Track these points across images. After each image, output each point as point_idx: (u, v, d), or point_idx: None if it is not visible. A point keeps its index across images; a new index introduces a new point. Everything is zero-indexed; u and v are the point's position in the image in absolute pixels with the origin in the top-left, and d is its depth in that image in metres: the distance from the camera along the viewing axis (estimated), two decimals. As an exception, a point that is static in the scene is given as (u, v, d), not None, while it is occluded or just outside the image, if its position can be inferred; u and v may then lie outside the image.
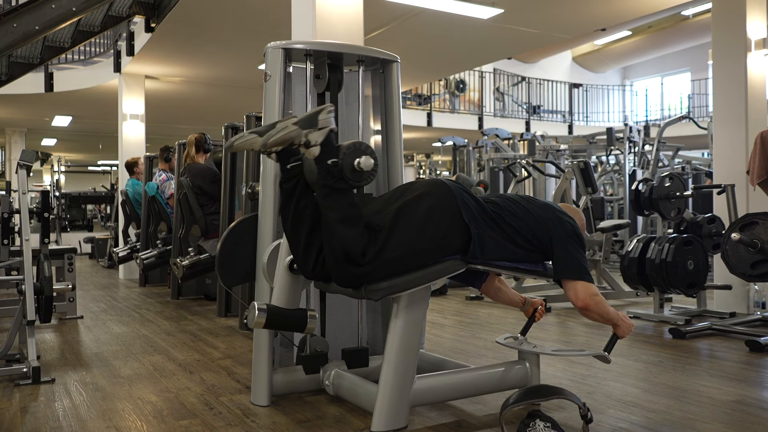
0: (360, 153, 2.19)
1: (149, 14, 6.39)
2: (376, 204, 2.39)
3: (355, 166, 2.18)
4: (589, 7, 6.03)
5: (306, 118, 2.17)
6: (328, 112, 2.18)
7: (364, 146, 2.23)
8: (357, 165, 2.18)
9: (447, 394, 2.47)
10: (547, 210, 2.41)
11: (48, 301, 3.23)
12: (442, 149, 16.86)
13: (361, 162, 2.18)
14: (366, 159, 2.19)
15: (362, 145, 2.23)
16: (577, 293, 2.30)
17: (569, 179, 6.09)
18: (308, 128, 2.15)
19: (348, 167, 2.17)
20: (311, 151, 2.15)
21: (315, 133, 2.15)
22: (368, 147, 2.24)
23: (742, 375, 3.03)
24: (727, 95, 4.87)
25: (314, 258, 2.26)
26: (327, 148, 2.17)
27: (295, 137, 2.15)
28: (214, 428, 2.34)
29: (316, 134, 2.15)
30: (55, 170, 16.57)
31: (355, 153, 2.19)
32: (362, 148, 2.22)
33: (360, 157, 2.18)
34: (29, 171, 3.29)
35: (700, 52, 15.49)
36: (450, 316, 4.82)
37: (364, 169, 2.18)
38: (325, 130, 2.17)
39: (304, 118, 2.17)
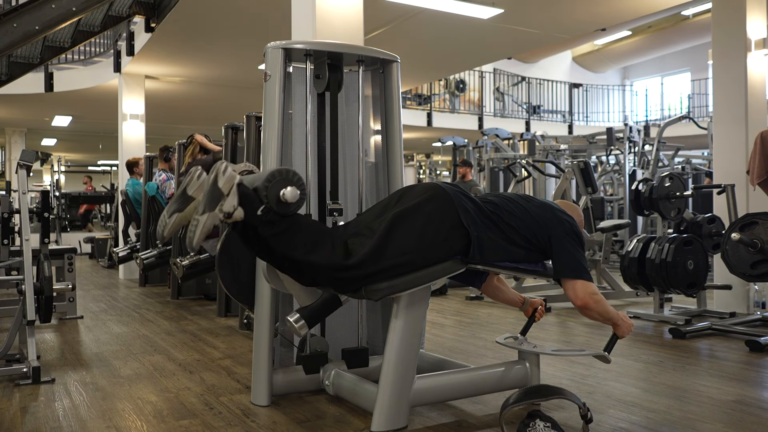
0: (285, 183, 2.06)
1: (149, 14, 6.39)
2: (374, 210, 2.39)
3: (280, 197, 2.04)
4: (589, 7, 6.03)
5: (207, 200, 1.99)
6: (224, 171, 2.00)
7: (291, 175, 2.09)
8: (282, 197, 2.04)
9: (447, 394, 2.47)
10: (545, 209, 2.41)
11: (48, 301, 3.23)
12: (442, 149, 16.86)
13: (287, 193, 2.04)
14: (292, 190, 2.05)
15: (288, 173, 2.09)
16: (577, 292, 2.30)
17: (569, 179, 6.09)
18: (217, 204, 1.98)
19: (273, 200, 2.04)
20: (235, 217, 2.01)
21: (226, 201, 1.99)
22: (294, 175, 2.09)
23: (742, 375, 3.03)
24: (727, 95, 4.87)
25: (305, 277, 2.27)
26: (247, 202, 2.04)
27: (214, 221, 1.99)
28: (214, 428, 2.34)
29: (227, 202, 1.99)
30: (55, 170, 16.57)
31: (280, 184, 2.05)
32: (289, 177, 2.08)
33: (285, 188, 2.05)
34: (29, 171, 3.29)
35: (700, 52, 15.49)
36: (450, 316, 4.82)
37: (289, 201, 2.05)
38: (233, 189, 2.00)
39: (206, 201, 1.99)
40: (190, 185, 2.08)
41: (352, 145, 2.88)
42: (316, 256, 2.13)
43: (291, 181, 2.08)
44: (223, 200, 1.99)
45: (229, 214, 1.99)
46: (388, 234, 2.19)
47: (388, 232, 2.19)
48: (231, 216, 2.00)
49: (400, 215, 2.23)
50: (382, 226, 2.21)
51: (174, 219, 2.07)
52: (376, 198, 2.93)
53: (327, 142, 2.84)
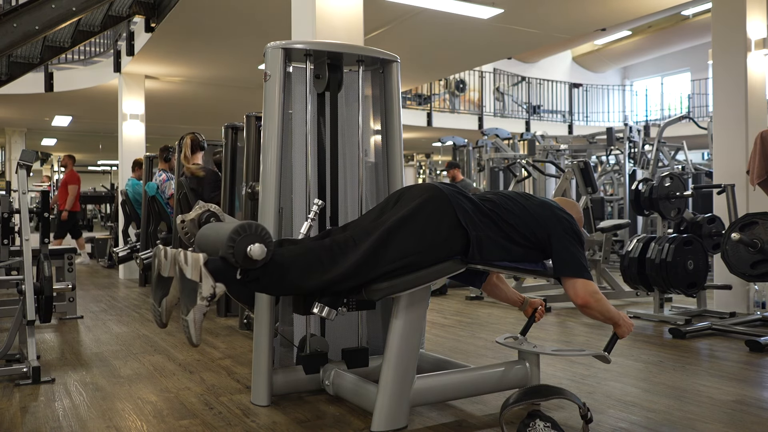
0: (250, 240, 1.97)
1: (149, 14, 6.39)
2: (372, 213, 2.38)
3: (247, 253, 1.97)
4: (589, 7, 6.03)
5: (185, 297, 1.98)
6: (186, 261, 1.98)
7: (254, 229, 2.00)
8: (249, 252, 1.97)
9: (447, 394, 2.47)
10: (544, 207, 2.41)
11: (48, 301, 3.23)
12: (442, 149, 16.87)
13: (253, 252, 1.97)
14: (258, 247, 1.97)
15: (250, 228, 1.99)
16: (577, 291, 2.29)
17: (569, 179, 6.09)
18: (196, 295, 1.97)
19: (242, 260, 1.97)
20: (218, 294, 1.99)
21: (202, 287, 1.96)
22: (258, 228, 2.00)
23: (742, 375, 3.03)
24: (727, 95, 4.87)
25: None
26: (222, 275, 1.99)
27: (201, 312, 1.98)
28: (214, 428, 2.34)
29: (204, 287, 1.96)
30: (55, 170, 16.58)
31: (244, 242, 1.97)
32: (252, 232, 1.99)
33: (251, 246, 1.97)
34: (29, 171, 3.29)
35: (700, 52, 15.49)
36: (450, 316, 4.82)
37: (257, 259, 1.98)
38: (202, 271, 1.97)
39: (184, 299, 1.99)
40: (163, 268, 2.08)
41: (352, 145, 2.88)
42: (311, 282, 2.13)
43: (255, 237, 1.99)
44: (199, 288, 1.96)
45: (211, 296, 1.97)
46: (387, 238, 2.18)
47: (386, 236, 2.18)
48: (215, 296, 1.97)
49: (398, 219, 2.21)
50: (380, 230, 2.19)
51: (164, 305, 2.09)
52: (376, 198, 2.93)
53: (327, 142, 2.84)
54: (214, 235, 2.15)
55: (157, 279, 2.10)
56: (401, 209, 2.25)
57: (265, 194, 2.68)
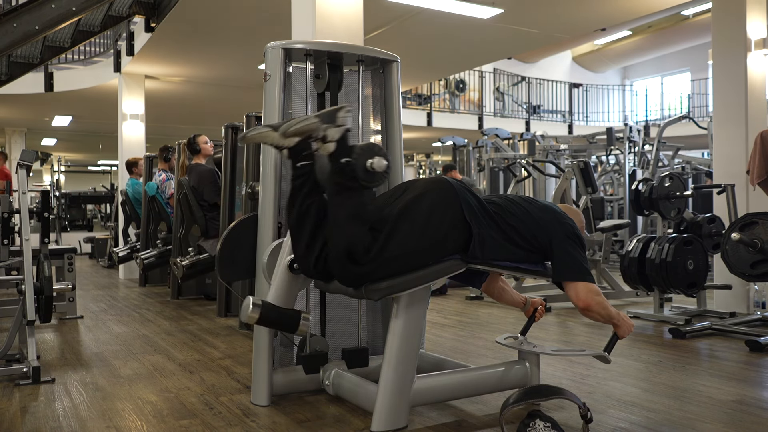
0: (373, 154, 2.23)
1: (149, 14, 6.39)
2: (377, 202, 2.39)
3: (368, 166, 2.21)
4: (589, 7, 6.03)
5: (326, 114, 2.24)
6: (347, 111, 2.26)
7: (377, 148, 2.27)
8: (370, 166, 2.21)
9: (447, 394, 2.47)
10: (546, 211, 2.41)
11: (48, 301, 3.23)
12: (442, 149, 16.86)
13: (374, 163, 2.21)
14: (379, 160, 2.22)
15: (375, 146, 2.28)
16: (579, 293, 2.29)
17: (569, 179, 6.09)
18: (327, 123, 2.23)
19: (361, 167, 2.21)
20: (327, 146, 2.22)
21: (333, 129, 2.23)
22: (381, 149, 2.27)
23: (742, 375, 3.03)
24: (727, 95, 4.87)
25: (315, 256, 2.29)
26: (342, 146, 2.23)
27: (314, 130, 2.22)
28: (214, 428, 2.34)
29: (333, 131, 2.22)
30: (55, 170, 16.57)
31: (368, 153, 2.23)
32: (375, 149, 2.26)
33: (373, 158, 2.22)
34: (29, 171, 3.29)
35: (700, 52, 15.49)
36: (450, 316, 4.82)
37: (376, 170, 2.22)
38: (342, 128, 2.24)
39: (325, 113, 2.24)
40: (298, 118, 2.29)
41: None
42: (352, 229, 2.18)
43: (378, 153, 2.24)
44: (332, 126, 2.22)
45: (325, 137, 2.22)
46: (392, 227, 2.20)
47: (393, 226, 2.20)
48: (325, 140, 2.21)
49: (403, 208, 2.23)
50: (388, 222, 2.21)
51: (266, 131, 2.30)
52: (376, 198, 2.92)
53: (327, 142, 2.84)
54: None
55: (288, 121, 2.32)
56: (408, 199, 2.27)
57: (265, 194, 2.68)
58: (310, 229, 2.28)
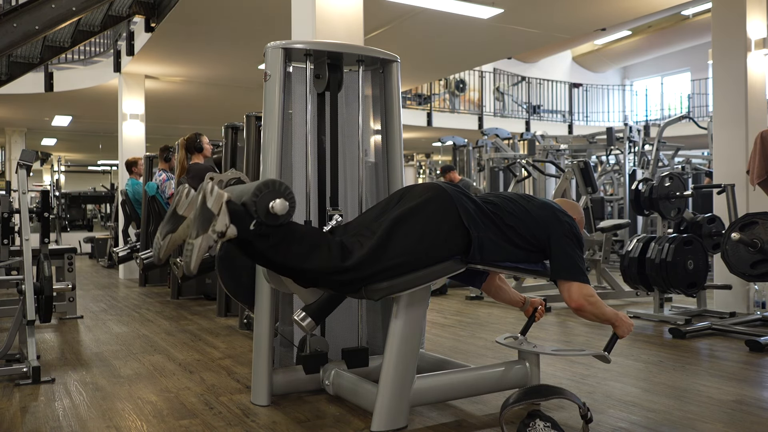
0: (274, 195, 2.04)
1: (149, 14, 6.39)
2: (374, 211, 2.38)
3: (269, 210, 2.03)
4: (589, 7, 6.03)
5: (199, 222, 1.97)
6: (211, 191, 1.98)
7: (279, 186, 2.06)
8: (271, 209, 2.02)
9: (447, 394, 2.47)
10: (545, 209, 2.41)
11: (48, 301, 3.23)
12: (442, 149, 16.86)
13: (275, 206, 2.03)
14: (281, 202, 2.03)
15: (276, 184, 2.06)
16: (571, 294, 2.30)
17: (569, 179, 6.09)
18: (209, 225, 1.96)
19: (263, 213, 2.03)
20: (229, 235, 2.00)
21: (217, 221, 1.96)
22: (284, 187, 2.07)
23: (742, 375, 3.03)
24: (727, 95, 4.87)
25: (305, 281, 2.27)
26: (238, 219, 2.02)
27: (208, 243, 1.98)
28: (214, 428, 2.34)
29: (219, 222, 1.97)
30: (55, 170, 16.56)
31: (269, 196, 2.03)
32: (277, 189, 2.06)
33: (274, 201, 2.03)
34: (29, 171, 3.29)
35: (700, 52, 15.48)
36: (450, 316, 4.82)
37: (278, 213, 2.03)
38: (223, 207, 1.98)
39: (197, 223, 1.98)
40: (180, 204, 2.07)
41: (352, 145, 2.88)
42: (313, 262, 2.12)
43: (280, 193, 2.06)
44: (215, 220, 1.97)
45: (222, 233, 1.97)
46: (388, 235, 2.18)
47: (388, 234, 2.18)
48: (224, 235, 1.98)
49: (400, 216, 2.22)
50: (382, 228, 2.20)
51: (168, 240, 2.07)
52: (376, 198, 2.92)
53: (327, 142, 2.84)
54: (240, 189, 2.20)
55: (171, 214, 2.10)
56: (404, 207, 2.25)
57: (265, 194, 2.68)
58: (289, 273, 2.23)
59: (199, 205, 2.00)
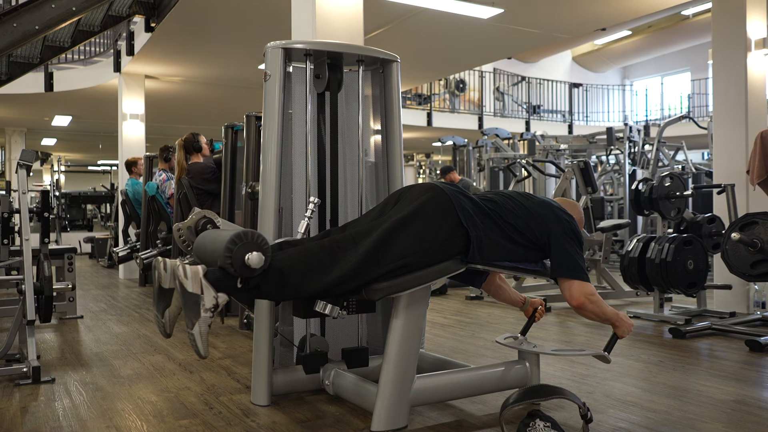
0: (247, 248, 1.97)
1: (149, 14, 6.39)
2: (372, 213, 2.38)
3: (245, 262, 1.97)
4: (589, 7, 6.03)
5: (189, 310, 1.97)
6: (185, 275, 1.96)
7: (250, 237, 1.98)
8: (246, 261, 1.97)
9: (447, 394, 2.47)
10: (545, 207, 2.41)
11: (48, 301, 3.23)
12: (442, 149, 16.86)
13: (251, 260, 1.96)
14: (256, 256, 1.97)
15: (246, 236, 1.98)
16: (572, 292, 2.29)
17: (569, 179, 6.09)
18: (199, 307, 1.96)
19: (240, 269, 1.97)
20: (221, 303, 1.99)
21: (205, 299, 1.96)
22: (256, 236, 2.00)
23: (742, 375, 3.03)
24: (727, 95, 4.87)
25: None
26: (222, 285, 2.00)
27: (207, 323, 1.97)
28: (214, 428, 2.34)
29: (207, 299, 1.96)
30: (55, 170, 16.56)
31: (242, 250, 1.96)
32: (248, 240, 1.98)
33: (249, 255, 1.97)
34: (29, 171, 3.29)
35: (700, 51, 15.49)
36: (450, 316, 4.82)
37: (253, 267, 1.97)
38: (203, 283, 1.97)
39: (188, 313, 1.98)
40: (163, 280, 2.06)
41: (352, 145, 2.88)
42: (312, 286, 2.12)
43: (252, 245, 1.98)
44: (202, 300, 1.96)
45: (214, 306, 1.97)
46: (387, 238, 2.17)
47: (387, 236, 2.17)
48: (218, 306, 1.97)
49: (398, 218, 2.21)
50: (380, 230, 2.19)
51: (167, 315, 2.09)
52: (377, 198, 2.92)
53: (327, 142, 2.84)
54: (211, 244, 2.13)
55: (158, 290, 2.09)
56: (402, 209, 2.25)
57: (265, 194, 2.68)
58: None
59: (180, 292, 1.98)
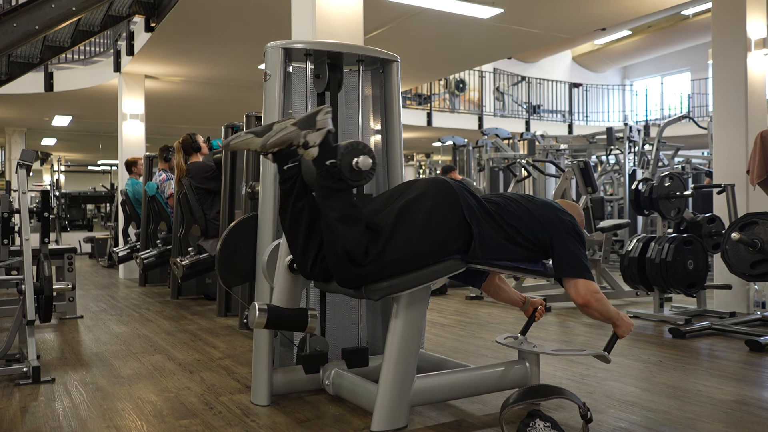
0: (358, 153, 2.19)
1: (149, 14, 6.39)
2: (375, 203, 2.39)
3: (353, 165, 2.18)
4: (589, 7, 6.03)
5: (304, 119, 2.17)
6: (326, 113, 2.17)
7: (362, 146, 2.22)
8: (355, 165, 2.18)
9: (447, 394, 2.47)
10: (547, 208, 2.41)
11: (48, 301, 3.23)
12: (442, 149, 16.86)
13: (359, 161, 2.18)
14: (364, 159, 2.19)
15: (360, 144, 2.23)
16: (579, 290, 2.29)
17: (569, 179, 6.09)
18: (307, 129, 2.15)
19: (346, 167, 2.17)
20: (309, 152, 2.16)
21: (313, 134, 2.15)
22: (366, 146, 2.23)
23: (742, 375, 3.03)
24: (727, 95, 4.87)
25: (312, 258, 2.27)
26: (325, 148, 2.17)
27: (294, 138, 2.15)
28: (214, 428, 2.34)
29: (314, 135, 2.15)
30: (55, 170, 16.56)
31: (353, 153, 2.19)
32: (360, 147, 2.21)
33: (358, 157, 2.18)
34: (29, 171, 3.29)
35: (700, 51, 15.49)
36: (450, 316, 4.82)
37: (362, 169, 2.19)
38: (323, 131, 2.17)
39: (303, 119, 2.17)
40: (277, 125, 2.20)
41: (352, 144, 2.88)
42: (347, 231, 2.16)
43: (363, 152, 2.20)
44: (312, 131, 2.15)
45: (307, 143, 2.14)
46: (393, 230, 2.20)
47: (393, 228, 2.20)
48: (307, 146, 2.14)
49: (403, 209, 2.23)
50: (387, 224, 2.21)
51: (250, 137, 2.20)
52: (376, 198, 2.92)
53: (327, 141, 2.84)
54: None
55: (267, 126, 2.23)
56: (406, 200, 2.26)
57: (265, 194, 2.68)
58: (304, 233, 2.26)
59: (311, 112, 2.19)
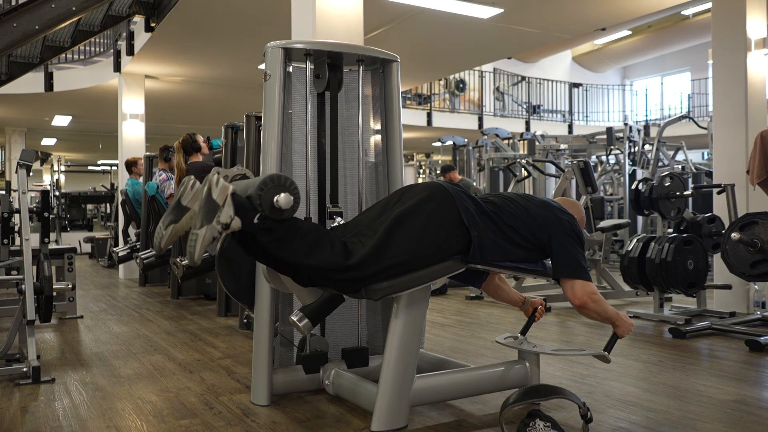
0: (279, 189, 2.05)
1: (149, 14, 6.39)
2: (374, 210, 2.39)
3: (274, 204, 2.04)
4: (589, 7, 6.03)
5: (204, 212, 1.98)
6: (217, 183, 1.98)
7: (284, 181, 2.07)
8: (276, 203, 2.04)
9: (447, 394, 2.47)
10: (545, 208, 2.41)
11: (48, 301, 3.23)
12: (442, 149, 16.86)
13: (280, 200, 2.04)
14: (285, 197, 2.04)
15: (281, 179, 2.07)
16: (575, 291, 2.30)
17: (569, 179, 6.09)
18: (214, 216, 1.97)
19: (267, 207, 2.04)
20: (233, 227, 2.00)
21: (222, 213, 1.97)
22: (289, 182, 2.08)
23: (742, 375, 3.03)
24: (727, 95, 4.87)
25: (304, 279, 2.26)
26: (242, 211, 2.02)
27: (212, 234, 1.98)
28: (214, 428, 2.34)
29: (224, 213, 1.97)
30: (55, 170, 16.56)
31: (273, 191, 2.05)
32: (282, 183, 2.07)
33: (278, 195, 2.04)
34: (29, 171, 3.29)
35: (700, 51, 15.49)
36: (450, 316, 4.82)
37: (283, 208, 2.05)
38: (228, 199, 1.99)
39: (202, 214, 1.98)
40: (184, 196, 2.09)
41: (352, 145, 2.88)
42: (315, 258, 2.13)
43: (284, 187, 2.07)
44: (219, 212, 1.97)
45: (226, 225, 1.98)
46: (389, 234, 2.19)
47: (388, 232, 2.19)
48: (228, 227, 1.98)
49: (400, 215, 2.22)
50: (383, 226, 2.20)
51: (170, 230, 2.08)
52: (376, 198, 2.92)
53: (327, 141, 2.84)
54: (245, 183, 2.22)
55: (174, 205, 2.11)
56: (404, 207, 2.26)
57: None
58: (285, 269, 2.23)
59: (204, 196, 2.00)
